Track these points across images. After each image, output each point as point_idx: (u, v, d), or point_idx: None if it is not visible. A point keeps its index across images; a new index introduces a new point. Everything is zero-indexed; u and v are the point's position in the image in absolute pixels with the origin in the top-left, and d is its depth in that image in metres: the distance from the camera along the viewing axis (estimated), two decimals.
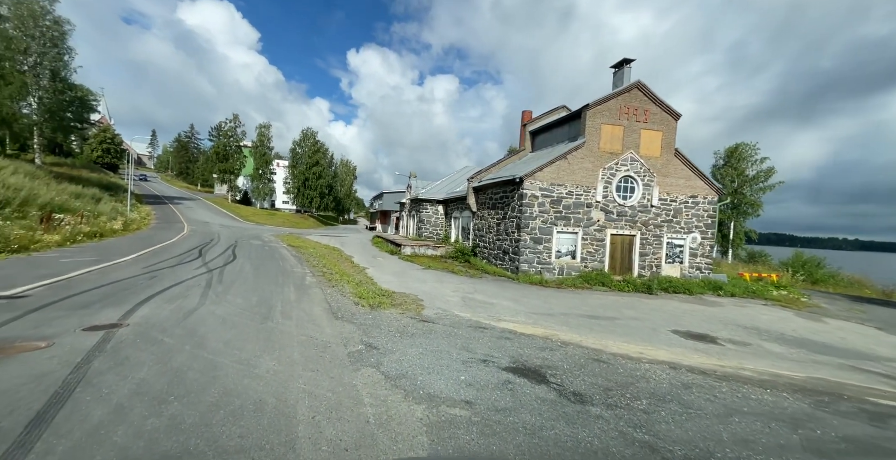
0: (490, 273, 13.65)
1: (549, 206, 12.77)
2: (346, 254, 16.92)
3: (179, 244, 15.96)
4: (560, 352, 5.30)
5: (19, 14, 26.74)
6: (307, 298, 7.84)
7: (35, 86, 28.18)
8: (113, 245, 13.89)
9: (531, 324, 7.01)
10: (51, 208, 14.86)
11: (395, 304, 7.92)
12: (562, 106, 17.13)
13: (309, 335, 5.26)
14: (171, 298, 6.76)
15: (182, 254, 13.01)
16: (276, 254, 15.07)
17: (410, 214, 25.23)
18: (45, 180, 20.01)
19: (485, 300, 9.12)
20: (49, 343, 4.14)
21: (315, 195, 54.88)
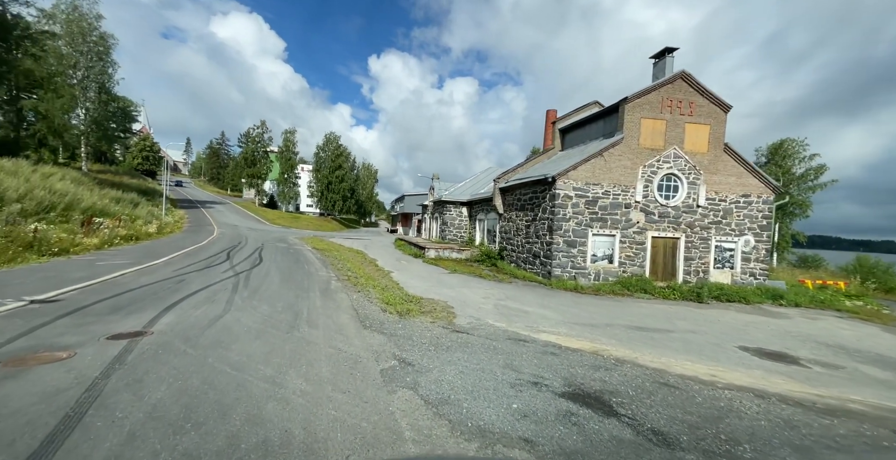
0: (520, 278, 12.96)
1: (584, 207, 11.96)
2: (370, 258, 16.68)
3: (209, 247, 16.24)
4: (617, 373, 4.62)
5: (70, 31, 28.62)
6: (333, 304, 7.49)
7: (82, 98, 30.06)
8: (147, 248, 14.25)
9: (575, 337, 6.32)
10: (92, 212, 15.48)
11: (425, 312, 7.44)
12: (593, 102, 16.23)
13: (337, 347, 4.84)
14: (197, 304, 6.57)
15: (211, 256, 13.14)
16: (301, 258, 15.01)
17: (433, 217, 24.85)
18: (88, 186, 21.08)
19: (519, 308, 8.48)
20: (70, 353, 3.91)
21: (338, 198, 55.76)
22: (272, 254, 15.07)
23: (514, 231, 15.22)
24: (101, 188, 22.86)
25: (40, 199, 12.84)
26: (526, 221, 14.05)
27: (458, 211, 21.64)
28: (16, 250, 8.88)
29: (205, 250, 15.03)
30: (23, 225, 10.27)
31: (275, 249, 17.21)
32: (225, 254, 14.21)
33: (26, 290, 6.52)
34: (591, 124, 14.53)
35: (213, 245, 17.20)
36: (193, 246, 16.18)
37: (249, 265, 11.81)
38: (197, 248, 15.42)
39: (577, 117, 16.08)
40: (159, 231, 19.48)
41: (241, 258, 13.36)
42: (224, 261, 12.43)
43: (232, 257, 13.39)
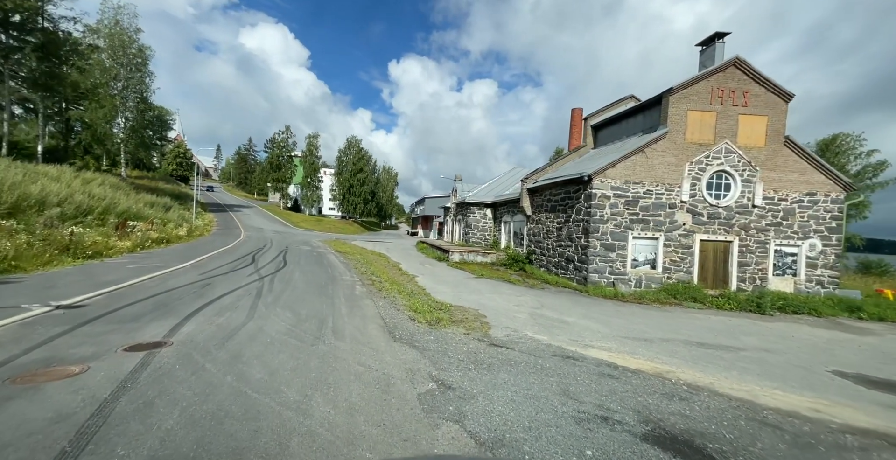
0: (552, 283, 12.15)
1: (623, 208, 11.04)
2: (393, 261, 16.31)
3: (235, 250, 16.37)
4: (698, 405, 3.85)
5: (112, 44, 30.27)
6: (359, 312, 7.05)
7: (122, 107, 31.70)
8: (176, 251, 14.46)
9: (629, 354, 5.55)
10: (126, 216, 15.94)
11: (456, 321, 6.86)
12: (629, 96, 15.23)
13: (366, 364, 4.33)
14: (220, 310, 6.28)
15: (236, 260, 13.13)
16: (324, 261, 14.82)
17: (456, 219, 24.30)
18: (125, 191, 21.95)
19: (558, 318, 7.74)
20: (83, 368, 3.59)
21: (359, 201, 56.34)
22: (296, 258, 14.96)
23: (543, 234, 14.41)
24: (137, 193, 23.79)
25: (79, 203, 13.26)
26: (557, 223, 13.23)
27: (482, 213, 20.99)
28: (52, 253, 9.01)
29: (231, 253, 15.13)
30: (60, 228, 10.50)
31: (299, 252, 17.16)
32: (250, 257, 14.21)
33: (55, 295, 6.44)
34: (628, 119, 13.55)
35: (240, 248, 17.36)
36: (220, 249, 16.36)
37: (274, 268, 11.64)
38: (223, 251, 15.55)
39: (611, 112, 15.12)
40: (189, 234, 19.96)
41: (266, 261, 13.27)
42: (249, 264, 12.36)
43: (257, 260, 13.33)
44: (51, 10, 23.61)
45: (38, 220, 9.98)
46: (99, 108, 29.87)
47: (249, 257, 14.07)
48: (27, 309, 5.45)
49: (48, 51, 23.41)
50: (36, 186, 12.15)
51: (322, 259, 15.38)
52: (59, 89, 24.76)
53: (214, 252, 15.08)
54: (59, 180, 15.25)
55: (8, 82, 22.70)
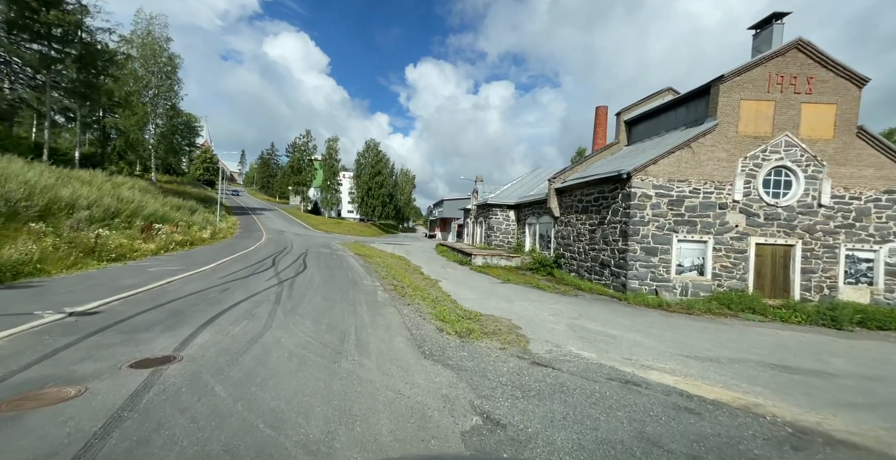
0: (585, 290, 11.25)
1: (667, 208, 10.06)
2: (414, 265, 15.78)
3: (256, 252, 16.29)
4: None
5: (144, 54, 31.51)
6: (382, 321, 6.49)
7: (153, 114, 32.92)
8: (199, 253, 14.46)
9: (699, 379, 4.70)
10: (153, 219, 16.16)
11: (489, 333, 6.19)
12: (666, 89, 14.16)
13: (396, 389, 3.73)
14: (237, 318, 5.86)
15: (257, 263, 12.93)
16: (344, 264, 14.46)
17: (477, 221, 23.60)
18: (154, 194, 22.51)
19: (600, 330, 6.92)
20: (80, 390, 3.15)
21: (377, 204, 56.54)
22: (316, 261, 14.68)
23: (573, 236, 13.50)
24: (164, 196, 24.39)
25: (107, 206, 13.44)
26: (590, 225, 12.32)
27: (504, 214, 20.21)
28: (77, 256, 8.96)
29: (252, 256, 15.02)
30: (87, 231, 10.54)
31: (318, 255, 16.93)
32: (271, 259, 14.02)
33: (73, 300, 6.21)
34: (668, 113, 12.52)
35: (261, 250, 17.31)
36: (242, 251, 16.33)
37: (293, 272, 11.32)
38: (245, 254, 15.47)
39: (646, 107, 14.09)
40: (212, 236, 20.17)
41: (286, 264, 13.02)
42: (269, 267, 12.11)
43: (277, 263, 13.10)
44: (88, 22, 24.69)
45: (66, 223, 10.02)
46: (132, 115, 31.09)
47: (270, 260, 13.88)
48: (40, 316, 5.18)
49: (87, 61, 24.48)
50: (67, 190, 12.37)
51: (342, 262, 15.04)
52: (95, 98, 25.82)
53: (236, 255, 15.01)
54: (91, 184, 15.62)
55: (49, 92, 23.85)
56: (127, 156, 34.84)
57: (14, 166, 12.16)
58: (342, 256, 17.35)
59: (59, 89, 25.14)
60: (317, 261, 14.74)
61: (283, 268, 12.14)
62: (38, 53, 22.73)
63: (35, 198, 10.49)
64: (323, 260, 15.23)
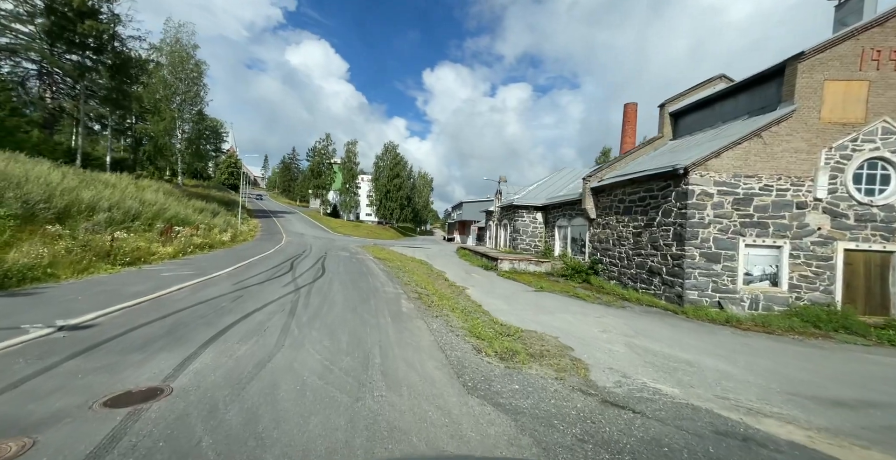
0: (631, 300, 9.99)
1: (731, 208, 8.71)
2: (437, 269, 14.87)
3: (275, 256, 15.83)
4: None
5: (173, 61, 32.36)
6: (410, 338, 5.58)
7: (180, 120, 33.71)
8: (217, 257, 14.07)
9: (838, 435, 3.50)
10: (174, 221, 15.99)
11: (536, 355, 5.18)
12: (718, 76, 12.73)
13: (438, 445, 2.77)
14: (245, 334, 5.09)
15: (275, 267, 12.36)
16: (363, 268, 13.72)
17: (500, 224, 22.50)
18: (177, 197, 22.67)
19: (669, 353, 5.75)
20: (23, 445, 2.36)
21: (395, 207, 56.26)
22: (335, 265, 14.01)
23: (613, 240, 12.23)
24: (188, 199, 24.60)
25: (128, 209, 13.27)
26: (634, 228, 11.04)
27: (531, 217, 19.03)
28: (90, 260, 8.54)
29: (270, 259, 14.53)
30: (103, 233, 10.21)
31: (337, 259, 16.31)
32: (289, 263, 13.45)
33: (70, 310, 5.63)
34: (725, 101, 11.12)
35: (279, 254, 16.86)
36: (260, 255, 15.91)
37: (312, 277, 10.63)
38: (263, 257, 15.02)
39: (695, 96, 12.69)
40: (233, 239, 19.99)
41: (304, 268, 12.38)
42: (287, 271, 11.49)
43: (295, 268, 12.49)
44: (120, 31, 25.41)
45: (81, 226, 9.69)
46: (160, 120, 31.92)
47: (288, 264, 13.30)
48: (25, 330, 4.56)
49: (119, 69, 25.19)
50: (88, 192, 12.22)
51: (361, 266, 14.32)
52: (126, 104, 26.51)
53: (254, 258, 14.56)
54: (115, 187, 15.63)
55: (83, 100, 24.62)
56: (156, 161, 35.86)
57: (39, 168, 12.12)
58: (362, 260, 16.66)
59: (93, 97, 25.97)
60: (336, 265, 14.08)
61: (300, 272, 11.49)
62: (75, 64, 23.47)
63: (55, 200, 10.26)
64: (342, 264, 14.57)
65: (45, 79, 26.02)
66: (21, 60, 23.94)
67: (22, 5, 21.86)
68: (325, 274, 11.56)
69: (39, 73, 24.96)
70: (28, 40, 22.58)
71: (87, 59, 25.04)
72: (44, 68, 24.58)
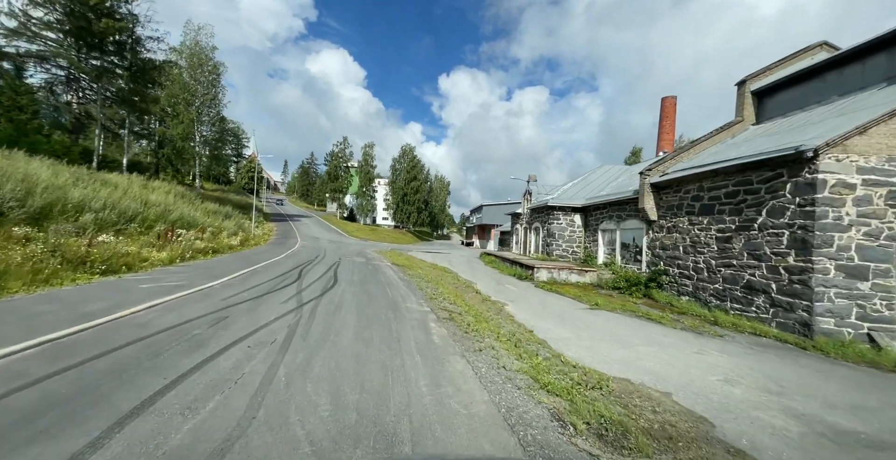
0: (724, 325, 7.68)
1: (884, 204, 6.35)
2: (464, 279, 12.89)
3: (284, 262, 14.26)
4: None
5: (192, 64, 32.09)
6: (454, 394, 3.63)
7: (198, 122, 33.36)
8: (217, 263, 12.57)
9: None
10: (178, 224, 14.71)
11: (656, 436, 3.20)
12: (817, 44, 10.31)
13: None
14: (205, 389, 3.28)
15: (281, 275, 10.71)
16: (381, 277, 11.90)
17: (531, 227, 20.31)
18: (190, 199, 21.69)
19: (872, 435, 3.53)
20: None
21: (413, 210, 54.76)
22: (348, 273, 12.27)
23: (685, 246, 9.91)
24: (202, 202, 23.66)
25: (124, 209, 11.98)
26: (719, 232, 8.73)
27: (568, 219, 16.79)
28: (54, 269, 7.01)
29: (279, 266, 12.94)
30: (83, 237, 8.77)
31: (352, 266, 14.59)
32: (297, 271, 11.79)
33: None
34: (843, 68, 8.73)
35: (290, 259, 15.32)
36: (269, 260, 14.38)
37: (320, 290, 8.86)
38: (270, 264, 13.46)
39: (788, 69, 10.29)
40: (243, 243, 18.67)
41: (314, 277, 10.67)
42: (293, 281, 9.79)
43: (303, 276, 10.80)
44: (139, 31, 25.04)
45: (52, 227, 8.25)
46: (179, 123, 31.58)
47: (296, 272, 11.64)
48: None
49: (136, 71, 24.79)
50: (78, 191, 10.96)
51: (378, 274, 12.51)
52: (142, 106, 26.07)
53: (261, 264, 13.01)
54: (117, 186, 14.52)
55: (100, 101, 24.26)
56: (176, 164, 35.68)
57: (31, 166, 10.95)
58: (378, 267, 14.88)
59: (111, 100, 25.64)
60: (350, 273, 12.34)
61: (309, 282, 9.77)
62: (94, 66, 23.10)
63: (33, 199, 8.93)
64: (357, 271, 12.81)
65: (73, 84, 26.01)
66: (51, 67, 23.92)
67: (50, 12, 21.64)
68: (336, 284, 9.79)
69: (67, 79, 24.94)
70: (56, 47, 22.41)
71: (104, 61, 24.75)
72: (71, 74, 24.52)
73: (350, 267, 14.14)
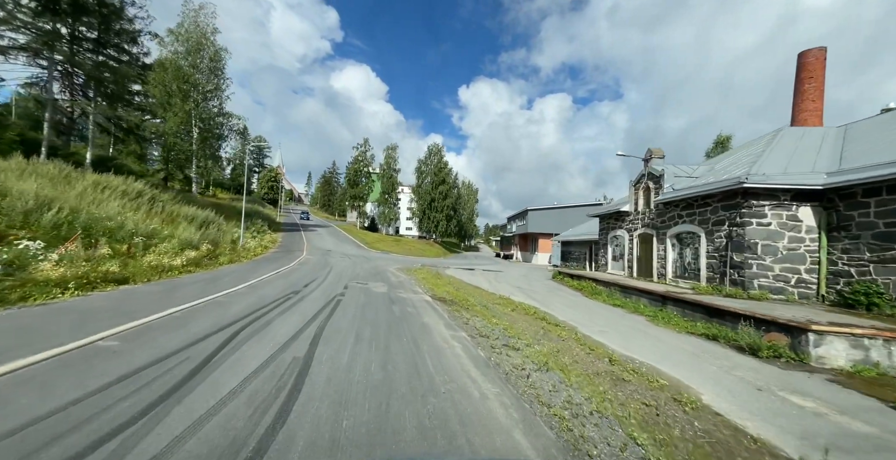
0: None
1: None
2: (583, 334, 5.59)
3: (237, 299, 7.46)
4: None
5: (190, 48, 27.35)
6: None
7: (196, 118, 28.45)
8: (142, 293, 6.00)
9: None
10: (99, 232, 8.41)
11: None
12: None
13: None
14: None
15: (200, 340, 3.89)
16: (422, 338, 4.78)
17: (660, 234, 12.73)
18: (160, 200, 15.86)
19: None
20: None
21: (441, 218, 47.99)
22: (352, 321, 5.28)
23: None
24: (181, 206, 17.85)
25: None
26: None
27: (784, 215, 9.06)
28: None
29: (229, 305, 6.24)
30: None
31: (364, 300, 7.71)
32: (256, 318, 4.95)
33: None
34: None
35: (266, 287, 8.70)
36: (244, 284, 7.88)
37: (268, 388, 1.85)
38: (239, 291, 6.78)
39: None
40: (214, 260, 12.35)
41: (280, 337, 3.74)
42: (219, 348, 2.88)
43: (236, 350, 3.90)
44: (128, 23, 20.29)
45: None
46: (172, 116, 26.73)
47: (254, 320, 4.81)
48: None
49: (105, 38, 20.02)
50: None
51: (413, 326, 5.48)
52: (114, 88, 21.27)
53: (222, 293, 6.41)
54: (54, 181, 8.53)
55: (51, 72, 19.44)
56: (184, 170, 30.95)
57: None
58: (406, 300, 7.94)
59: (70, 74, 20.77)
60: (354, 323, 5.40)
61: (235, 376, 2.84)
62: (50, 32, 18.27)
63: None
64: (369, 320, 5.90)
65: (64, 80, 21.88)
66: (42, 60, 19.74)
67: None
68: (308, 373, 2.82)
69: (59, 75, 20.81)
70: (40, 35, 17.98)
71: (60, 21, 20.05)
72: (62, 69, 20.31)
73: (358, 304, 7.32)
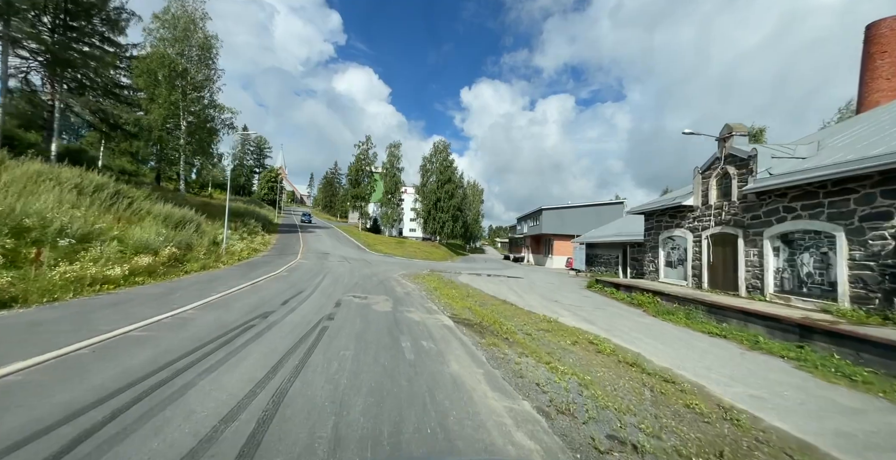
0: None
1: None
2: (763, 421, 2.99)
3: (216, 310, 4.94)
4: None
5: (176, 36, 25.23)
6: None
7: (184, 110, 26.27)
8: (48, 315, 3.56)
9: None
10: None
11: None
12: None
13: None
14: None
15: None
16: (460, 422, 2.26)
17: (747, 235, 10.12)
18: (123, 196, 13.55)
19: None
20: None
21: (447, 218, 45.50)
22: (335, 379, 2.78)
23: None
24: (154, 203, 15.54)
25: None
26: None
27: None
28: None
29: (147, 345, 3.73)
30: None
31: (357, 328, 5.12)
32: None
33: None
34: None
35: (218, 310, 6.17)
36: (203, 300, 5.32)
37: None
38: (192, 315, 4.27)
39: None
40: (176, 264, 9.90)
41: None
42: None
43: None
44: None
45: None
46: (158, 107, 24.54)
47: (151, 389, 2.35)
48: None
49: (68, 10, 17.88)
50: None
51: (433, 384, 2.94)
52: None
53: (169, 313, 3.89)
54: None
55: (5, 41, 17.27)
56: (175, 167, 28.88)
57: None
58: (419, 328, 5.44)
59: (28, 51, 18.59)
60: (334, 400, 2.94)
61: None
62: None
63: None
64: (362, 381, 3.39)
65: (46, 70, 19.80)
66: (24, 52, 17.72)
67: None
68: None
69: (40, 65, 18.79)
70: None
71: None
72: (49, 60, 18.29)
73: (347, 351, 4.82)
